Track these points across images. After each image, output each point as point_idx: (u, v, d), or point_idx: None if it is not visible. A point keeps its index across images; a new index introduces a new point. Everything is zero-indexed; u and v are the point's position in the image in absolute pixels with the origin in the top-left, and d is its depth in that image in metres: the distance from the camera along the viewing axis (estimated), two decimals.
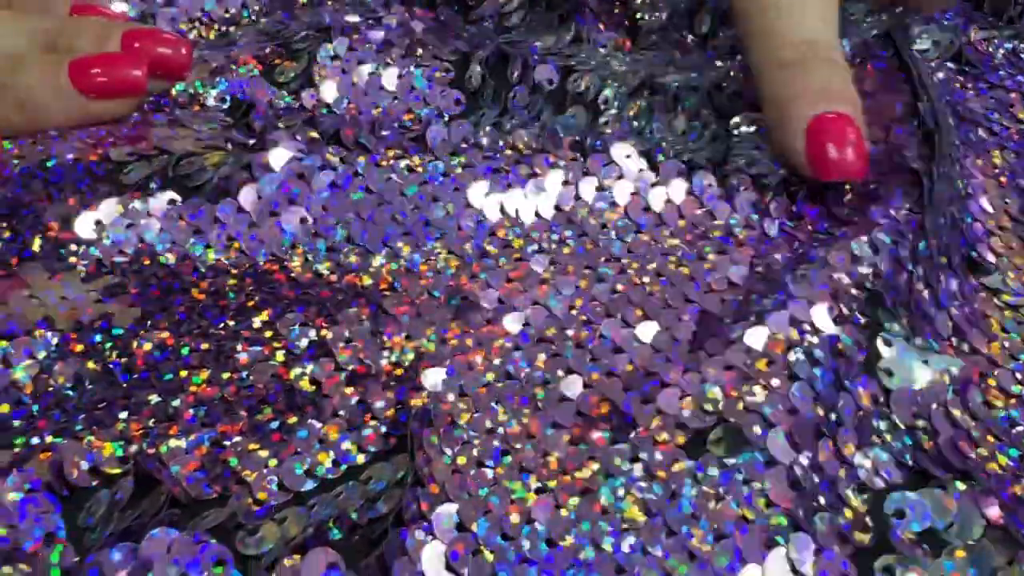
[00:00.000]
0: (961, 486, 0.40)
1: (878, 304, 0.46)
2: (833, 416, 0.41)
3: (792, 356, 0.43)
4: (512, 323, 0.45)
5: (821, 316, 0.45)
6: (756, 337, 0.44)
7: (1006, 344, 0.46)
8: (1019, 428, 0.43)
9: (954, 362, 0.44)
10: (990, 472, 0.40)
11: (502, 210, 0.51)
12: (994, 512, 0.39)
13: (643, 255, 0.49)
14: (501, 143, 0.53)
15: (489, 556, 0.37)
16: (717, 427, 0.41)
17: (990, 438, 0.42)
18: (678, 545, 0.38)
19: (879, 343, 0.45)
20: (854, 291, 0.46)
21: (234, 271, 0.48)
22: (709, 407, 0.42)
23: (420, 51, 0.59)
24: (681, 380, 0.43)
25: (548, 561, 0.37)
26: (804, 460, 0.40)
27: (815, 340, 0.44)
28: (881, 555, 0.38)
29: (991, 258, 0.50)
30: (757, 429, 0.41)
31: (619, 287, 0.47)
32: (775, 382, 0.42)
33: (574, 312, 0.46)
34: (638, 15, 0.64)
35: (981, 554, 0.38)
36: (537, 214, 0.51)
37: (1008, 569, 0.37)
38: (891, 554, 0.38)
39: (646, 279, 0.48)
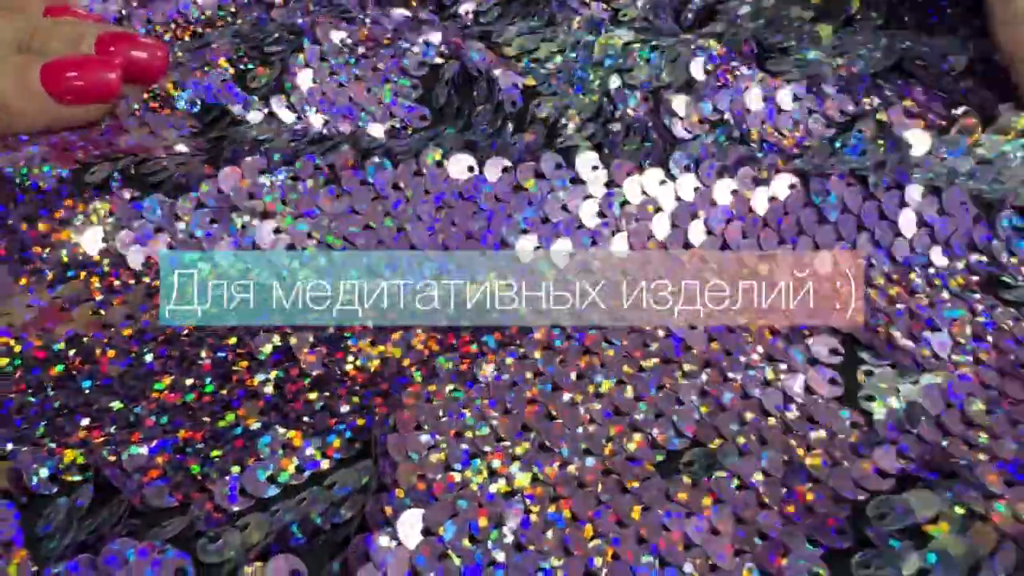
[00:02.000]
0: (948, 484, 0.39)
1: (854, 342, 0.47)
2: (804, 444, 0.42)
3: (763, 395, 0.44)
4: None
5: (794, 356, 0.45)
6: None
7: (1013, 356, 0.46)
8: (1021, 426, 0.42)
9: (948, 377, 0.45)
10: (976, 464, 0.40)
11: None
12: (979, 505, 0.39)
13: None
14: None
15: (456, 560, 0.37)
16: (691, 449, 0.42)
17: (984, 438, 0.42)
18: (647, 550, 0.37)
19: (859, 375, 0.45)
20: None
21: None
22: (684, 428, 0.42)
23: (383, 65, 0.60)
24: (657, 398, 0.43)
25: (516, 565, 0.37)
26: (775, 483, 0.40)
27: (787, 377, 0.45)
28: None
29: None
30: (731, 454, 0.41)
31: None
32: (748, 415, 0.43)
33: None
34: (619, 9, 0.65)
35: (963, 546, 0.37)
36: None
37: (991, 560, 0.37)
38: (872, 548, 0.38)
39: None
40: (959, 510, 0.38)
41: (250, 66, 0.60)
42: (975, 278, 0.50)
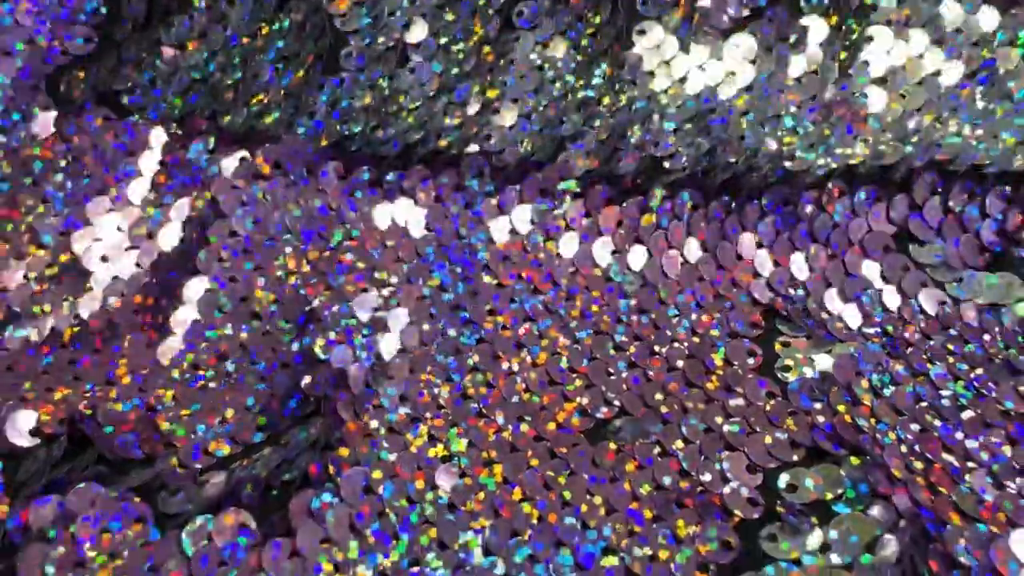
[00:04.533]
0: (854, 461, 0.41)
1: (774, 315, 0.47)
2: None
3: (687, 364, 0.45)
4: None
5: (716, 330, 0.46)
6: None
7: (921, 325, 0.47)
8: (923, 403, 0.43)
9: (859, 347, 0.45)
10: (883, 445, 0.41)
11: None
12: (882, 485, 0.40)
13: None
14: None
15: (393, 518, 0.38)
16: (617, 417, 0.43)
17: (892, 414, 0.42)
18: (573, 512, 0.39)
19: (777, 347, 0.46)
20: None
21: None
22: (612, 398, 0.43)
23: None
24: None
25: (448, 524, 0.38)
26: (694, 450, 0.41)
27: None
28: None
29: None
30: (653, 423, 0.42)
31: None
32: (673, 386, 0.44)
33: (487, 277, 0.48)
34: None
35: (864, 523, 0.39)
36: None
37: (887, 537, 0.38)
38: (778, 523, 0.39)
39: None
40: (865, 490, 0.40)
41: None
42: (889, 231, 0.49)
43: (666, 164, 0.50)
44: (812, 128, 0.51)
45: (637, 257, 0.48)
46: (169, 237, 0.49)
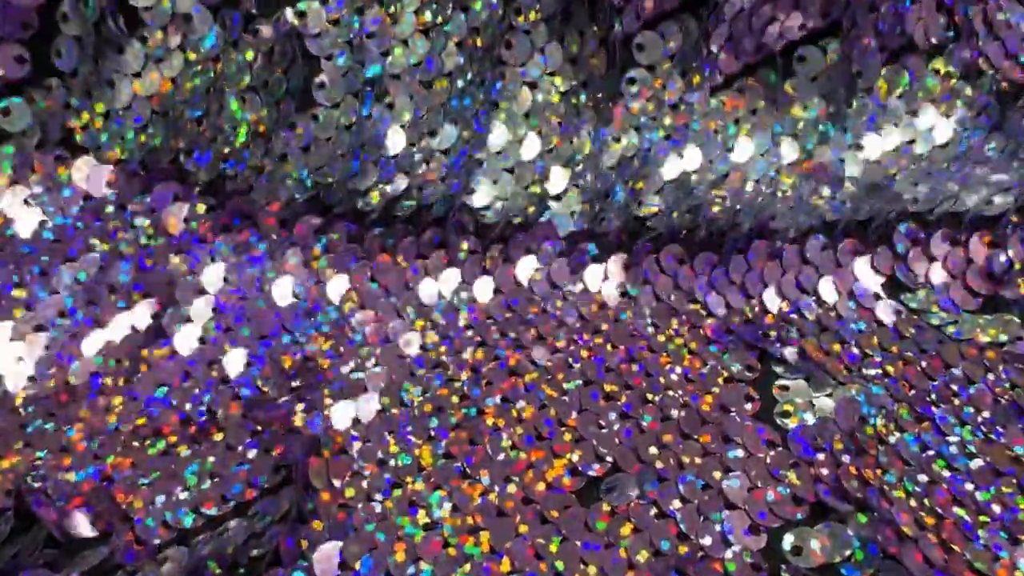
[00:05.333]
0: (862, 519, 0.38)
1: (770, 358, 0.45)
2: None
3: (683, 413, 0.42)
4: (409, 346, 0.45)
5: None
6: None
7: (923, 364, 0.45)
8: (930, 452, 0.41)
9: (862, 390, 0.43)
10: (892, 499, 0.39)
11: None
12: (891, 544, 0.37)
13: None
14: None
15: None
16: (611, 475, 0.40)
17: (898, 463, 0.40)
18: None
19: (774, 391, 0.43)
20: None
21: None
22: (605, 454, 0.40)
23: None
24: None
25: None
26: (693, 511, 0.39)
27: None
28: None
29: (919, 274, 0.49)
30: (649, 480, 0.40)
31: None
32: (667, 437, 0.41)
33: (469, 333, 0.45)
34: None
35: None
36: None
37: None
38: None
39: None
40: (875, 550, 0.37)
41: None
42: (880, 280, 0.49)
43: (649, 223, 0.50)
44: (791, 192, 0.51)
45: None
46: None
